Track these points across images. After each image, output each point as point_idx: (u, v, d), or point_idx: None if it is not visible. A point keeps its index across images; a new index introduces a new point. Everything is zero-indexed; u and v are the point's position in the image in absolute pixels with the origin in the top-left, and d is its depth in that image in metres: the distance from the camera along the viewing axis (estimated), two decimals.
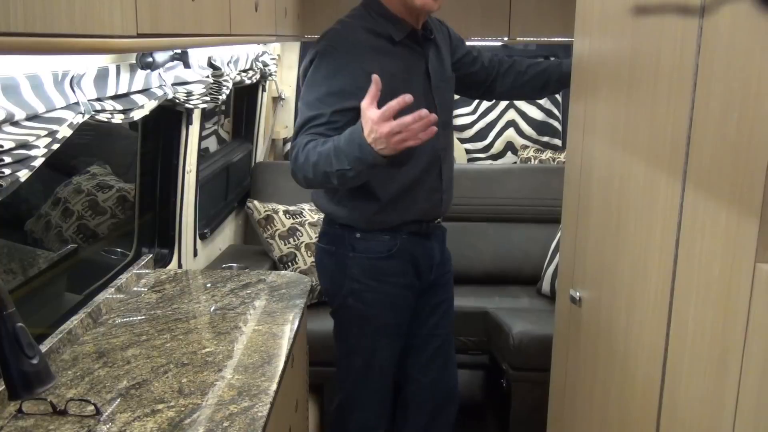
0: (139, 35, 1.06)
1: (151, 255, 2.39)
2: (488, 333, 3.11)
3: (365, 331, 2.14)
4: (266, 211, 3.14)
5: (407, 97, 1.62)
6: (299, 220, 3.14)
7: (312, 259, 3.00)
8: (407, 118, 1.63)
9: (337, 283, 2.11)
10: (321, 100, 1.87)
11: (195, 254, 2.76)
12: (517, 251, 3.50)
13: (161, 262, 2.48)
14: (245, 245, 3.54)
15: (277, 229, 3.10)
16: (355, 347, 2.18)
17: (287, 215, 3.15)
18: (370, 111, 1.66)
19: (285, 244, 3.06)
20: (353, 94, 1.84)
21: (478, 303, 3.17)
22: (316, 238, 3.08)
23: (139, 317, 1.95)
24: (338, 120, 1.85)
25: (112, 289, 2.05)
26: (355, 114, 1.83)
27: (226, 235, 3.36)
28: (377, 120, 1.64)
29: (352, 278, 2.08)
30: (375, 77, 1.68)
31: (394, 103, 1.63)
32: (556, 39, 3.40)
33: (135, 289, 2.16)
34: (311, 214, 3.18)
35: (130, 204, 2.44)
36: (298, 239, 3.08)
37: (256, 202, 3.21)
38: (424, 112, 1.63)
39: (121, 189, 2.44)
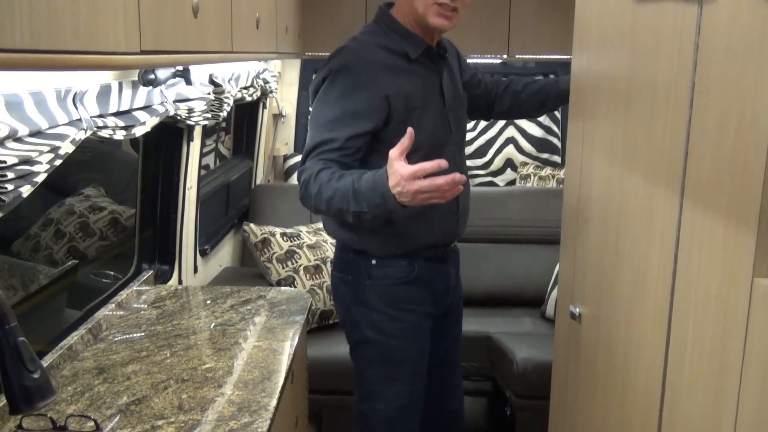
0: (143, 52, 1.08)
1: (151, 271, 2.39)
2: (491, 359, 3.02)
3: (388, 368, 2.02)
4: (263, 234, 3.07)
5: (443, 163, 1.56)
6: (297, 242, 3.07)
7: (311, 282, 2.98)
8: (439, 181, 1.56)
9: (355, 314, 2.01)
10: (334, 122, 1.80)
11: (195, 270, 2.76)
12: (520, 272, 3.44)
13: (162, 278, 2.48)
14: (242, 267, 3.48)
15: (274, 252, 3.03)
16: (377, 389, 2.04)
17: (284, 238, 3.08)
18: (398, 164, 1.59)
19: (283, 268, 3.00)
20: (368, 116, 1.81)
21: (480, 327, 3.08)
22: (315, 260, 3.03)
23: (139, 333, 1.95)
24: (352, 146, 1.80)
25: (113, 305, 2.05)
26: (369, 139, 1.82)
27: (227, 251, 3.37)
28: (407, 177, 1.57)
29: (371, 307, 1.98)
30: (410, 130, 1.60)
31: (428, 166, 1.56)
32: (554, 57, 3.43)
33: (135, 305, 2.16)
34: (309, 236, 3.13)
35: (122, 226, 2.40)
36: (296, 262, 3.02)
37: (252, 225, 3.14)
38: (457, 176, 1.57)
39: (113, 211, 2.38)
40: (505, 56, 3.47)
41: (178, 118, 2.20)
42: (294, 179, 4.08)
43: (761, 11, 0.91)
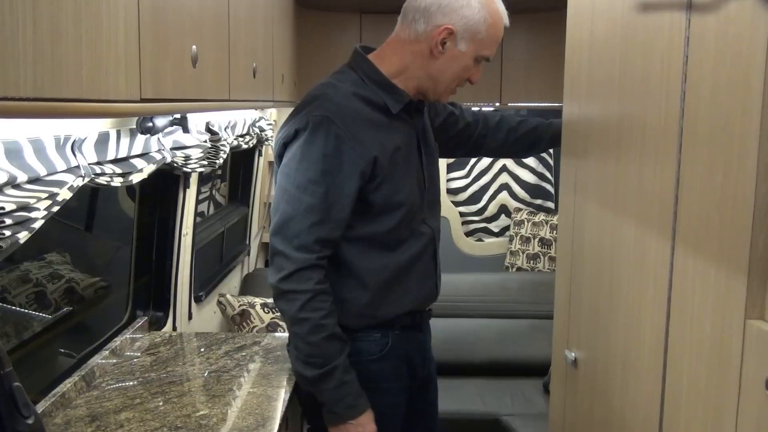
0: (143, 100, 1.10)
1: (145, 318, 2.38)
2: None
3: None
4: (241, 305, 2.80)
5: None
6: (279, 313, 2.75)
7: None
8: None
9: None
10: (315, 183, 1.63)
11: (190, 317, 2.75)
12: (524, 339, 3.37)
13: (156, 324, 2.47)
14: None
15: (254, 326, 2.78)
16: None
17: (265, 309, 2.82)
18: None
19: None
20: (352, 177, 1.65)
21: (487, 407, 2.92)
22: None
23: (132, 381, 1.93)
24: (341, 218, 1.66)
25: (106, 353, 2.04)
26: (352, 203, 1.67)
27: None
28: None
29: None
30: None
31: None
32: (546, 105, 3.50)
33: (129, 352, 2.15)
34: None
35: (78, 296, 2.18)
36: None
37: (228, 295, 2.89)
38: None
39: (70, 279, 2.14)
40: (497, 104, 3.53)
41: (175, 165, 2.22)
42: None
43: (744, 57, 0.94)
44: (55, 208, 1.50)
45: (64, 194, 1.51)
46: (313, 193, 1.62)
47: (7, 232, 1.34)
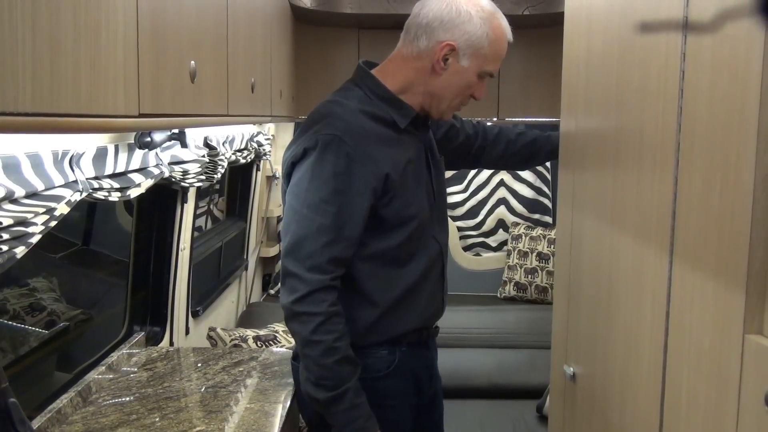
0: (141, 115, 1.10)
1: (142, 333, 2.37)
2: None
3: None
4: (232, 339, 2.70)
5: None
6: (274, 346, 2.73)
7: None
8: None
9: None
10: (327, 203, 1.61)
11: (187, 332, 2.74)
12: (523, 366, 3.38)
13: (153, 340, 2.46)
14: None
15: None
16: None
17: (258, 342, 2.73)
18: None
19: None
20: (364, 195, 1.63)
21: None
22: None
23: (129, 396, 1.92)
24: (351, 236, 1.63)
25: (103, 368, 2.03)
26: (364, 221, 1.64)
27: (219, 313, 3.35)
28: None
29: None
30: None
31: None
32: (543, 119, 3.51)
33: (126, 367, 2.14)
34: (286, 337, 2.77)
35: (59, 330, 2.05)
36: None
37: (219, 329, 2.78)
38: None
39: (52, 312, 2.00)
40: (494, 119, 3.54)
41: (173, 179, 2.22)
42: None
43: (740, 73, 0.94)
44: (53, 223, 1.50)
45: (62, 209, 1.51)
46: (325, 212, 1.61)
47: (4, 247, 1.33)
